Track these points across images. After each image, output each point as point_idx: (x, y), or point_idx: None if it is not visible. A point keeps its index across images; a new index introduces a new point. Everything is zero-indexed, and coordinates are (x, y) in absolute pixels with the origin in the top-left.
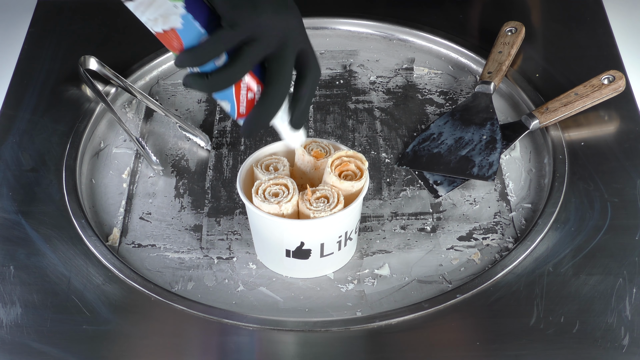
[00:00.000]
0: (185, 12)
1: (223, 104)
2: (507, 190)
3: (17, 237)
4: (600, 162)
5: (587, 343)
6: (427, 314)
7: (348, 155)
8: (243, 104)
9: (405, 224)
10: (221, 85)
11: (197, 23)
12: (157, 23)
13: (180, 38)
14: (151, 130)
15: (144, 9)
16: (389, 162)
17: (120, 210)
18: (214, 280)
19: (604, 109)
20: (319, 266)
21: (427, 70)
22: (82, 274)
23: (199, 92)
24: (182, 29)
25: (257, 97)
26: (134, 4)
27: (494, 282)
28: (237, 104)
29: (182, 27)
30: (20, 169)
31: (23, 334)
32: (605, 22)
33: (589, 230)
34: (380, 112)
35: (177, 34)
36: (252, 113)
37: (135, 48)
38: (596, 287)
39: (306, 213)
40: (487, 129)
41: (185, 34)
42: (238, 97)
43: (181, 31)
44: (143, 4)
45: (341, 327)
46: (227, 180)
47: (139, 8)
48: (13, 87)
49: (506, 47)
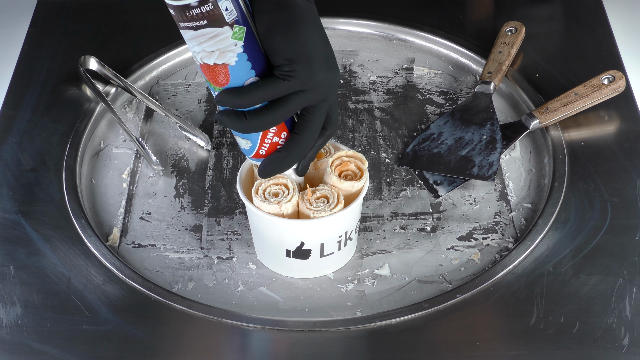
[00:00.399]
0: (242, 51)
1: (241, 142)
2: (507, 190)
3: (17, 237)
4: (600, 162)
5: (587, 343)
6: (427, 314)
7: (348, 155)
8: (266, 146)
9: (405, 224)
10: (259, 128)
11: (250, 64)
12: (212, 56)
13: (229, 75)
14: (151, 130)
15: (202, 41)
16: (389, 162)
17: (120, 210)
18: (214, 280)
19: (604, 109)
20: (319, 266)
21: (427, 70)
22: (82, 274)
23: (232, 129)
24: (234, 66)
25: (280, 142)
26: (193, 34)
27: (494, 282)
28: (260, 145)
29: (235, 65)
30: (20, 169)
31: (23, 334)
32: (605, 22)
33: (589, 230)
34: (380, 112)
35: (227, 70)
36: (275, 156)
37: (135, 48)
38: (596, 287)
39: (306, 213)
40: (487, 129)
41: (235, 71)
42: (263, 139)
43: (232, 68)
44: (204, 35)
45: (341, 327)
46: (227, 180)
47: (197, 39)
48: (13, 87)
49: (506, 47)
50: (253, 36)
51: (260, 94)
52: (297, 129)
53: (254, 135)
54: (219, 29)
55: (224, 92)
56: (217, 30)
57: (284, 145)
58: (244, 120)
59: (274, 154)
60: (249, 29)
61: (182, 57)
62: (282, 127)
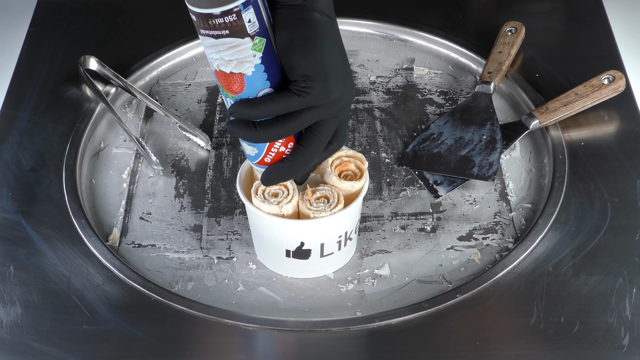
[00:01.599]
0: (259, 62)
1: (247, 148)
2: (507, 190)
3: (17, 237)
4: (600, 162)
5: (587, 343)
6: (427, 314)
7: (348, 155)
8: (272, 155)
9: (405, 224)
10: (268, 140)
11: (266, 75)
12: (229, 65)
13: (244, 84)
14: (151, 130)
15: (222, 49)
16: (389, 162)
17: (120, 210)
18: (214, 280)
19: (604, 109)
20: (319, 266)
21: (427, 70)
22: (82, 274)
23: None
24: (250, 76)
25: (287, 152)
26: (212, 42)
27: (494, 282)
28: (266, 153)
29: (251, 75)
30: (20, 169)
31: (23, 334)
32: (605, 22)
33: (589, 230)
34: (380, 112)
35: (242, 79)
36: (280, 165)
37: (135, 48)
38: (596, 287)
39: (306, 213)
40: (487, 129)
41: (250, 82)
42: (270, 148)
43: (248, 78)
44: (225, 45)
45: (341, 327)
46: (227, 180)
47: (217, 47)
48: (13, 87)
49: (506, 47)
50: (272, 48)
51: (274, 108)
52: (303, 141)
53: (261, 144)
54: (240, 39)
55: (238, 104)
56: (237, 41)
57: (289, 156)
58: (254, 131)
59: (277, 164)
60: (269, 40)
61: (182, 57)
62: (289, 137)
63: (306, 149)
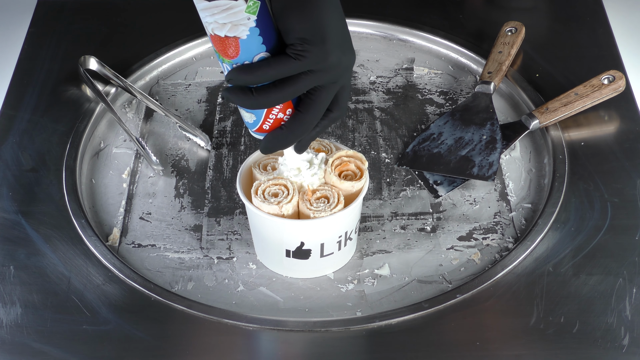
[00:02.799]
0: (254, 25)
1: (245, 115)
2: (507, 190)
3: (17, 237)
4: (600, 162)
5: (587, 343)
6: (427, 314)
7: (348, 155)
8: (270, 121)
9: (405, 224)
10: (265, 105)
11: (261, 39)
12: (224, 28)
13: (239, 48)
14: (151, 130)
15: (215, 12)
16: (389, 162)
17: (120, 210)
18: (214, 280)
19: (604, 109)
20: (319, 266)
21: (427, 70)
22: (82, 274)
23: (238, 105)
24: (245, 40)
25: (285, 118)
26: (206, 4)
27: (494, 282)
28: (264, 120)
29: (246, 39)
30: (20, 169)
31: (23, 334)
32: (605, 22)
33: (589, 230)
34: (380, 112)
35: (237, 43)
36: (278, 132)
37: (135, 48)
38: (596, 287)
39: (306, 213)
40: (487, 129)
41: (246, 45)
42: (268, 115)
43: (243, 42)
44: (218, 7)
45: (341, 327)
46: (227, 180)
47: (211, 9)
48: (13, 87)
49: (506, 47)
50: (267, 11)
51: (270, 72)
52: (301, 107)
53: (259, 110)
54: (233, 2)
55: (234, 70)
56: (231, 3)
57: (287, 123)
58: (251, 96)
59: (275, 131)
60: (263, 3)
61: (182, 57)
62: (287, 103)
63: (304, 115)
